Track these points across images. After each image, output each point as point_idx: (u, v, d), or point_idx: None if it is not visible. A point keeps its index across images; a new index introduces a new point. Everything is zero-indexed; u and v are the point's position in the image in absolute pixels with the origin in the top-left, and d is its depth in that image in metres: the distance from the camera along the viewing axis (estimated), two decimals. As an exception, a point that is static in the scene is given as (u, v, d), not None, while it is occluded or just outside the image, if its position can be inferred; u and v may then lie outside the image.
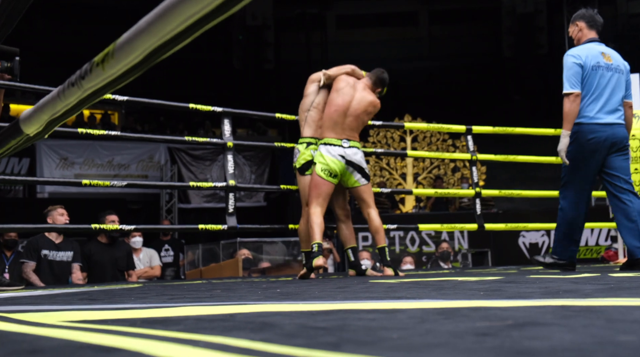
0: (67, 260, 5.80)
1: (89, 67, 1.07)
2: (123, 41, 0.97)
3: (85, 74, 1.08)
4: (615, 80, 3.94)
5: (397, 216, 10.32)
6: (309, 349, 0.91)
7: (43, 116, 1.29)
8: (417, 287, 2.56)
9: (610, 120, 3.89)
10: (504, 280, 2.96)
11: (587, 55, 3.92)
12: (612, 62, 3.97)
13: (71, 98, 1.16)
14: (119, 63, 0.99)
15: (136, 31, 0.93)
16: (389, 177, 12.43)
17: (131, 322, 1.37)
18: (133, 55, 0.96)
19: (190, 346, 0.98)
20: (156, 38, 0.90)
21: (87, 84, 1.09)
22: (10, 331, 1.30)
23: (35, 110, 1.31)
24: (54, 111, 1.24)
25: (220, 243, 9.01)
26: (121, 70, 1.00)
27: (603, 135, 3.87)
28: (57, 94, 1.20)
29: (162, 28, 0.88)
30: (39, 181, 8.64)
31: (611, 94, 3.91)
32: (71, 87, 1.14)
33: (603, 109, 3.89)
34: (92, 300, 2.40)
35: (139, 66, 0.98)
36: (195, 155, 12.62)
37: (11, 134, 1.44)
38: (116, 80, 1.04)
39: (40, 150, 11.50)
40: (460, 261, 8.67)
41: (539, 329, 1.06)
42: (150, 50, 0.93)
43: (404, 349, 0.89)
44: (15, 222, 4.35)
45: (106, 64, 1.01)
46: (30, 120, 1.34)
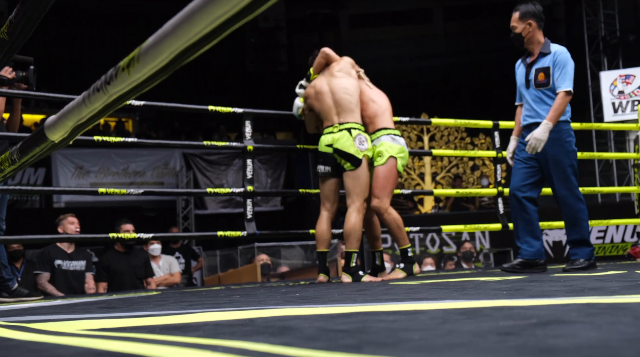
0: (81, 269, 5.82)
1: (114, 72, 1.07)
2: (149, 45, 0.97)
3: (110, 79, 1.09)
4: None
5: (417, 217, 10.27)
6: (329, 351, 0.90)
7: (68, 123, 1.29)
8: (438, 288, 2.54)
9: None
10: (527, 279, 2.92)
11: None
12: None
13: (97, 103, 1.16)
14: (145, 67, 0.99)
15: (162, 34, 0.93)
16: (407, 178, 12.37)
17: (150, 329, 1.36)
18: (159, 59, 0.96)
19: (209, 351, 0.97)
20: (182, 41, 0.90)
21: (112, 89, 1.09)
22: (30, 340, 1.31)
23: (60, 117, 1.31)
24: (79, 117, 1.24)
25: (238, 248, 9.02)
26: (147, 74, 1.00)
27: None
28: (82, 100, 1.20)
29: (188, 30, 0.88)
30: (54, 190, 8.71)
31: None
32: (96, 92, 1.14)
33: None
34: (111, 308, 2.41)
35: (165, 69, 0.98)
36: (210, 161, 12.66)
37: (36, 141, 1.45)
38: (142, 85, 1.04)
39: (56, 160, 11.59)
40: (482, 261, 8.61)
41: (563, 327, 1.03)
42: (177, 53, 0.93)
43: (425, 350, 0.88)
44: (32, 233, 4.38)
45: (132, 68, 1.01)
46: (55, 127, 1.34)
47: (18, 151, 1.53)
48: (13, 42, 1.42)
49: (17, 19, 1.35)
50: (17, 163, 1.56)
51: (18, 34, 1.39)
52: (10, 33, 1.40)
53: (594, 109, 12.09)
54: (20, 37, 1.40)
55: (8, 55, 1.49)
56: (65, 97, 4.04)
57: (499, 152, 5.39)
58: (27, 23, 1.35)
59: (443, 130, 12.56)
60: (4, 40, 1.43)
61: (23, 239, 4.50)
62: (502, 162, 5.44)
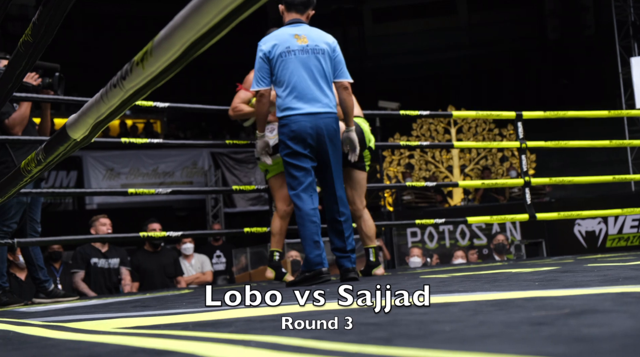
0: (115, 267, 5.95)
1: (129, 67, 1.08)
2: (160, 38, 0.98)
3: (126, 74, 1.10)
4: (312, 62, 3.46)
5: (445, 209, 10.20)
6: (360, 344, 0.90)
7: (88, 120, 1.31)
8: (469, 281, 2.52)
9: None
10: (559, 270, 2.89)
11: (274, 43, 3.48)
12: (309, 43, 3.48)
13: (114, 99, 1.18)
14: (158, 60, 1.00)
15: (173, 27, 0.94)
16: (435, 171, 12.29)
17: (183, 326, 1.38)
18: (171, 51, 0.96)
19: (241, 346, 0.98)
20: (193, 32, 0.90)
21: (128, 84, 1.10)
22: (67, 339, 1.33)
23: (80, 115, 1.34)
24: (98, 114, 1.26)
25: (267, 246, 9.04)
26: (160, 68, 1.01)
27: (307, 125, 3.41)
28: (100, 97, 1.22)
29: (198, 21, 0.88)
30: (86, 192, 8.85)
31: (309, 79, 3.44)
32: (113, 88, 1.15)
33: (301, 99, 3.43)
34: (145, 307, 2.44)
35: (178, 62, 0.98)
36: (238, 159, 12.72)
37: (59, 141, 1.47)
38: (156, 78, 1.05)
39: (87, 163, 11.77)
40: (513, 253, 8.52)
41: (597, 316, 1.02)
42: (188, 45, 0.93)
43: (456, 341, 0.87)
44: (65, 234, 4.47)
45: (145, 62, 1.02)
46: (76, 125, 1.37)
47: (43, 151, 1.56)
48: (37, 44, 1.44)
49: (40, 20, 1.37)
50: (43, 163, 1.59)
51: (42, 36, 1.41)
52: (34, 35, 1.42)
53: (625, 96, 11.87)
54: (44, 39, 1.42)
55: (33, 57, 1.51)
56: (87, 99, 4.09)
57: (522, 142, 5.34)
58: (50, 24, 1.37)
59: (470, 122, 12.45)
60: (29, 42, 1.46)
61: (58, 240, 4.58)
62: (526, 153, 5.39)
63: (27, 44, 1.47)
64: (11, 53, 3.61)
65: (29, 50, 1.49)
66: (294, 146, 3.42)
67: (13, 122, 3.84)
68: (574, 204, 8.21)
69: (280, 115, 3.46)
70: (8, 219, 3.80)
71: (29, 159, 1.66)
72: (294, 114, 3.41)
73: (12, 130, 3.85)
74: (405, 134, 12.31)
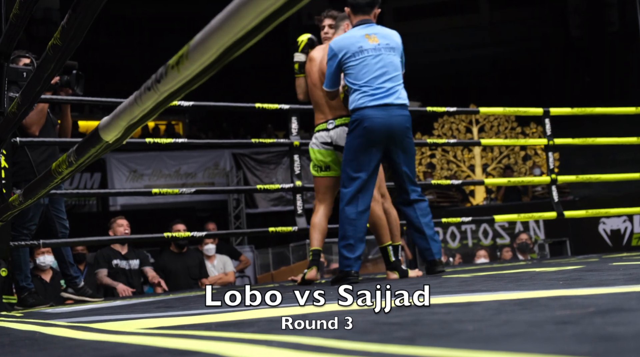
0: (135, 268, 5.98)
1: (164, 71, 1.09)
2: (197, 42, 0.98)
3: (160, 78, 1.11)
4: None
5: (468, 208, 10.14)
6: (383, 344, 0.90)
7: (121, 122, 1.33)
8: (493, 280, 2.50)
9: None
10: (584, 269, 2.85)
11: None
12: (380, 42, 3.55)
13: (148, 102, 1.19)
14: (194, 64, 1.01)
15: (209, 31, 0.95)
16: (456, 170, 12.22)
17: (206, 327, 1.39)
18: (207, 55, 0.97)
19: (264, 346, 0.98)
20: (230, 36, 0.91)
21: (163, 87, 1.11)
22: (92, 340, 1.35)
23: (113, 118, 1.35)
24: (131, 116, 1.28)
25: (289, 246, 9.07)
26: (196, 71, 1.02)
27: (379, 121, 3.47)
28: (134, 100, 1.23)
29: (235, 25, 0.89)
30: (110, 193, 8.94)
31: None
32: (147, 91, 1.16)
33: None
34: (168, 307, 2.46)
35: (213, 65, 0.99)
36: (259, 160, 12.77)
37: (91, 143, 1.49)
38: (191, 81, 1.06)
39: (111, 165, 11.89)
40: (537, 252, 8.44)
41: (623, 315, 1.01)
42: (224, 49, 0.94)
43: (480, 341, 0.87)
44: (89, 235, 4.51)
45: (181, 65, 1.03)
46: (108, 128, 1.38)
47: (74, 153, 1.58)
48: (66, 47, 1.46)
49: (69, 24, 1.39)
50: (74, 165, 1.60)
51: (70, 39, 1.43)
52: (63, 38, 1.44)
53: (650, 93, 11.71)
54: (73, 42, 1.44)
55: (61, 60, 1.53)
56: (116, 101, 4.07)
57: (550, 139, 5.26)
58: (78, 27, 1.38)
59: (492, 120, 12.35)
60: (57, 45, 1.47)
61: (82, 241, 4.64)
62: (553, 150, 5.31)
63: (55, 47, 1.49)
64: (35, 56, 3.63)
65: (58, 54, 1.51)
66: (363, 143, 3.48)
67: (30, 121, 3.73)
68: (599, 202, 8.10)
69: (353, 114, 3.52)
70: (27, 221, 3.77)
71: (60, 161, 1.69)
72: (366, 109, 3.47)
73: (29, 130, 3.75)
74: (426, 133, 12.25)
